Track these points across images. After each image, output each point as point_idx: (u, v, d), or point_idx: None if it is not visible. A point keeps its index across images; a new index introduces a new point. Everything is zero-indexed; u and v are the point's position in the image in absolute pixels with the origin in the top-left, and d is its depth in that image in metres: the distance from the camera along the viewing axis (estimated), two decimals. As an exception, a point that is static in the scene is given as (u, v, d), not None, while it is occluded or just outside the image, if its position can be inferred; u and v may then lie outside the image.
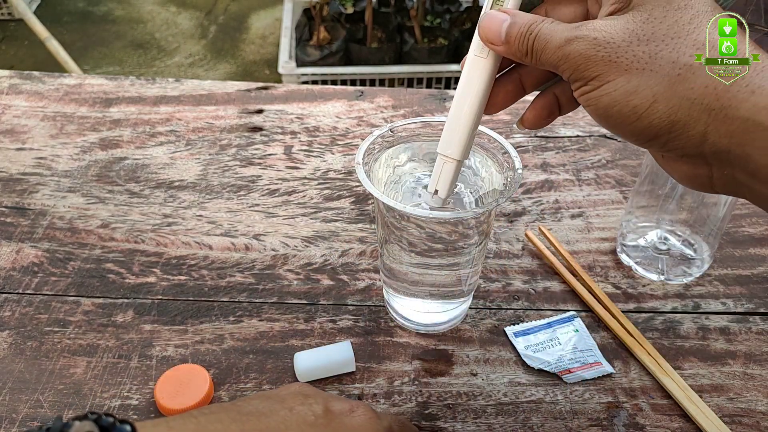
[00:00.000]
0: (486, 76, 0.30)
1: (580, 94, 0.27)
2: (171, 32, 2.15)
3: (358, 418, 0.30)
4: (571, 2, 0.30)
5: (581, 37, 0.26)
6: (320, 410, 0.29)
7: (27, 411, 0.37)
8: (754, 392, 0.40)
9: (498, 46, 0.29)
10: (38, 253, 0.47)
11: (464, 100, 0.31)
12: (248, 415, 0.28)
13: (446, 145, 0.32)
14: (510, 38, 0.28)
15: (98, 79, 0.65)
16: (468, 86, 0.31)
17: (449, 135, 0.32)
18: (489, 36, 0.29)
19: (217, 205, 0.52)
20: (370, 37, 1.63)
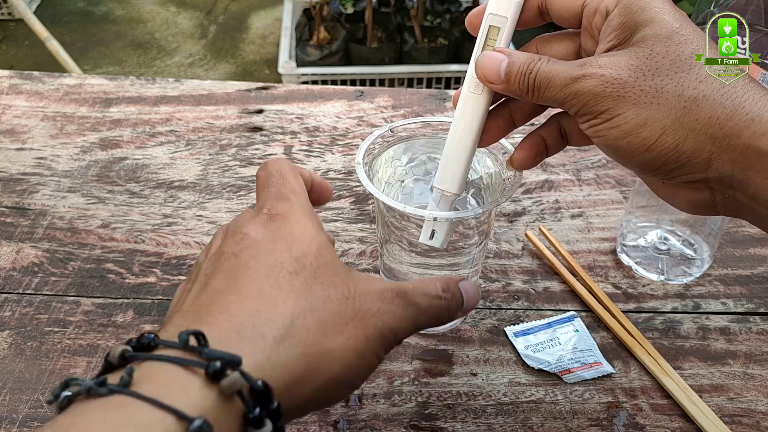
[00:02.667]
0: (481, 113, 0.32)
1: (588, 127, 0.28)
2: (171, 32, 2.15)
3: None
4: (562, 40, 0.31)
5: (589, 75, 0.27)
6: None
7: (27, 411, 0.37)
8: (754, 392, 0.40)
9: (497, 84, 0.30)
10: (38, 253, 0.47)
11: (460, 136, 0.32)
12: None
13: (443, 180, 0.33)
14: (510, 77, 0.29)
15: (98, 79, 0.65)
16: (463, 122, 0.32)
17: (446, 170, 0.33)
18: (488, 75, 0.30)
19: (217, 205, 0.52)
20: (370, 37, 1.63)
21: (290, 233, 0.27)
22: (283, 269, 0.25)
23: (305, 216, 0.28)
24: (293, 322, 0.24)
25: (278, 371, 0.23)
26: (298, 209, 0.28)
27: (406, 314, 0.27)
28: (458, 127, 0.32)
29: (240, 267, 0.25)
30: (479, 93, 0.31)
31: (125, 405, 0.20)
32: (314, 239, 0.27)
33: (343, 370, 0.25)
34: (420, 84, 1.64)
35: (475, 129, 0.32)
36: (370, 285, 0.27)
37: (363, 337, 0.25)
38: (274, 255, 0.26)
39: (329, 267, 0.26)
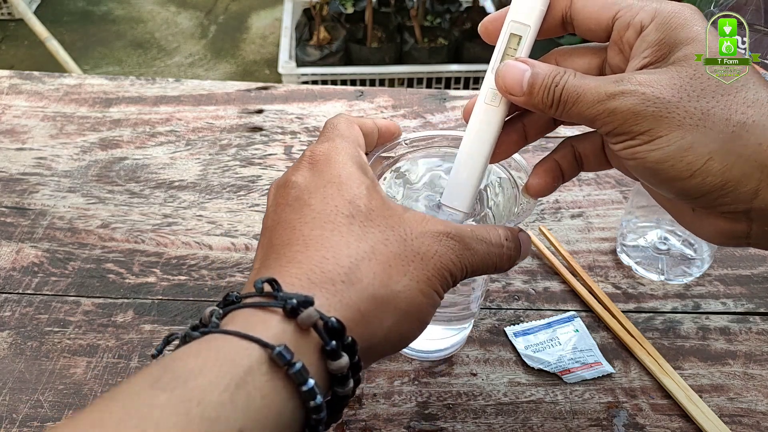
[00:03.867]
0: (496, 126, 0.30)
1: (624, 148, 0.26)
2: (171, 32, 2.15)
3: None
4: (585, 54, 0.30)
5: (628, 93, 0.26)
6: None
7: (27, 411, 0.37)
8: (754, 392, 0.40)
9: (518, 96, 0.28)
10: (38, 253, 0.47)
11: (473, 150, 0.30)
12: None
13: (452, 197, 0.31)
14: (533, 89, 0.28)
15: (98, 79, 0.65)
16: (478, 136, 0.30)
17: (456, 187, 0.31)
18: (509, 86, 0.28)
19: (217, 205, 0.52)
20: (370, 37, 1.63)
21: (338, 176, 0.27)
22: (339, 213, 0.26)
23: (349, 158, 0.28)
24: (358, 266, 0.25)
25: (350, 312, 0.24)
26: (341, 150, 0.28)
27: (463, 259, 0.27)
28: (471, 140, 0.30)
29: (297, 216, 0.26)
30: (496, 105, 0.29)
31: (215, 340, 0.22)
32: (362, 182, 0.27)
33: (410, 309, 0.26)
34: (420, 84, 1.64)
35: (489, 142, 0.30)
36: (426, 226, 0.27)
37: (425, 278, 0.26)
38: (327, 200, 0.26)
39: (382, 208, 0.27)
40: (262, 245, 0.27)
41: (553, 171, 0.32)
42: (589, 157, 0.31)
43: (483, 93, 0.30)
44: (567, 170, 0.32)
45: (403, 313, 0.25)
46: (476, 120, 0.30)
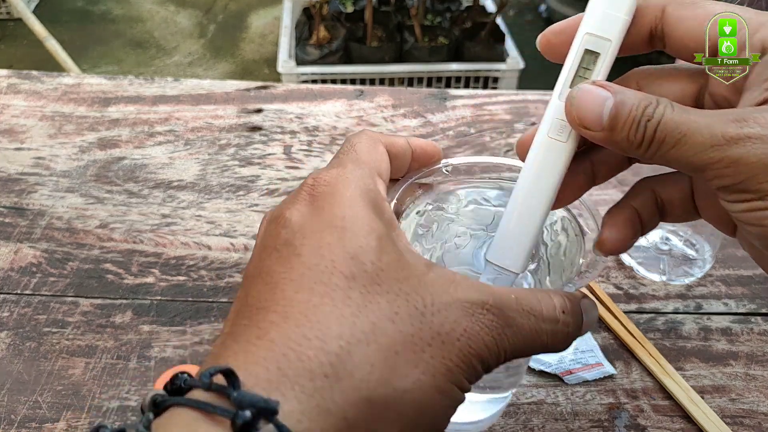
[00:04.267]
0: (562, 166, 0.24)
1: (747, 210, 0.21)
2: (170, 31, 2.15)
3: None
4: (677, 78, 0.24)
5: (757, 137, 0.20)
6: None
7: (26, 412, 0.37)
8: (756, 393, 0.39)
9: (596, 131, 0.22)
10: (36, 253, 0.47)
11: (532, 194, 0.24)
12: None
13: (502, 252, 0.25)
14: (617, 123, 0.21)
15: (97, 79, 0.65)
16: (538, 177, 0.24)
17: (507, 239, 0.25)
18: (585, 117, 0.22)
19: (216, 205, 0.52)
20: (370, 36, 1.63)
21: (341, 218, 0.21)
22: (335, 272, 0.20)
23: (360, 193, 0.22)
24: (351, 352, 0.18)
25: (331, 421, 0.18)
26: (351, 181, 0.22)
27: (501, 340, 0.20)
28: (530, 182, 0.24)
29: (283, 268, 0.20)
30: (564, 140, 0.24)
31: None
32: (373, 228, 0.21)
33: (419, 414, 0.19)
34: (420, 83, 1.64)
35: (552, 186, 0.24)
36: (454, 292, 0.20)
37: (444, 369, 0.19)
38: (322, 251, 0.20)
39: (396, 267, 0.20)
40: (238, 299, 0.21)
41: (632, 222, 0.25)
42: (674, 206, 0.25)
43: (546, 124, 0.24)
44: (647, 220, 0.26)
45: (408, 420, 0.19)
46: (537, 157, 0.24)
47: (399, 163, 0.27)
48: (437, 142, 0.58)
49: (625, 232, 0.25)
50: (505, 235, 0.25)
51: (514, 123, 0.61)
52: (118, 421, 0.37)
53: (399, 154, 0.26)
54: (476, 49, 1.63)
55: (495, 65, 1.62)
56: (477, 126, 0.60)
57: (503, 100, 0.63)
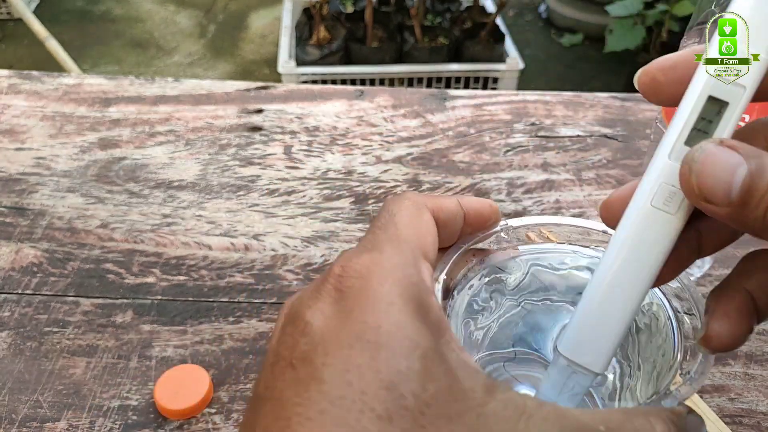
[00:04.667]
0: (667, 244, 0.19)
1: None
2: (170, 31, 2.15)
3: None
4: None
5: None
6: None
7: (26, 411, 0.37)
8: (755, 392, 0.39)
9: (721, 206, 0.17)
10: (37, 253, 0.47)
11: (624, 279, 0.19)
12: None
13: (580, 347, 0.20)
14: (751, 198, 0.17)
15: (97, 79, 0.65)
16: (633, 257, 0.19)
17: (589, 332, 0.20)
18: (708, 188, 0.17)
19: (217, 205, 0.52)
20: (370, 36, 1.63)
21: (375, 328, 0.16)
22: (366, 410, 0.15)
23: (399, 291, 0.17)
24: None
25: None
26: (389, 273, 0.18)
27: None
28: (622, 262, 0.19)
29: (298, 398, 0.16)
30: (673, 212, 0.19)
31: None
32: (417, 342, 0.16)
33: None
34: (420, 83, 1.64)
35: (652, 268, 0.19)
36: (524, 429, 0.15)
37: None
38: (350, 376, 0.16)
39: (447, 398, 0.16)
40: (244, 425, 0.17)
41: (747, 309, 0.20)
42: None
43: (650, 188, 0.19)
44: (764, 304, 0.20)
45: None
46: (634, 230, 0.19)
47: (449, 231, 0.22)
48: (437, 142, 0.58)
49: (740, 323, 0.19)
50: (585, 325, 0.20)
51: (513, 123, 0.61)
52: (119, 420, 0.37)
53: (449, 221, 0.22)
54: (476, 49, 1.64)
55: (495, 66, 1.62)
56: (477, 126, 0.60)
57: (503, 101, 0.64)
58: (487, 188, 0.54)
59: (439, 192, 0.53)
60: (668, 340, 0.22)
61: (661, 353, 0.22)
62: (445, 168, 0.56)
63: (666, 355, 0.22)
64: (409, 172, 0.55)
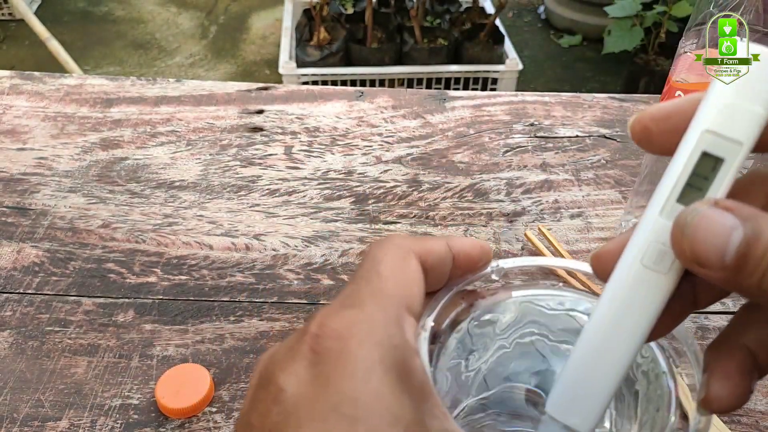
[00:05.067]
0: (657, 305, 0.19)
1: None
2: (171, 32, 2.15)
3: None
4: None
5: None
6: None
7: (28, 410, 0.37)
8: (754, 392, 0.40)
9: (715, 271, 0.16)
10: (39, 253, 0.47)
11: (613, 338, 0.19)
12: None
13: (568, 407, 0.19)
14: (746, 264, 0.16)
15: (99, 80, 0.66)
16: (623, 316, 0.18)
17: (576, 391, 0.19)
18: (701, 252, 0.16)
19: (218, 205, 0.52)
20: (370, 37, 1.63)
21: (352, 400, 0.15)
22: None
23: (380, 355, 0.16)
24: None
25: None
26: (368, 336, 0.16)
27: None
28: (612, 320, 0.19)
29: None
30: (664, 271, 0.18)
31: None
32: (398, 415, 0.15)
33: None
34: (420, 84, 1.64)
35: (642, 328, 0.19)
36: None
37: None
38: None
39: None
40: None
41: (747, 367, 0.19)
42: None
43: (640, 246, 0.18)
44: (765, 362, 0.19)
45: None
46: (623, 289, 0.18)
47: (437, 274, 0.21)
48: (436, 142, 0.59)
49: (741, 383, 0.18)
50: (573, 384, 0.19)
51: (512, 124, 0.61)
52: (120, 419, 0.37)
53: (437, 265, 0.20)
54: (475, 50, 1.64)
55: (494, 67, 1.63)
56: (476, 127, 0.61)
57: (502, 101, 0.64)
58: (487, 188, 0.54)
59: (438, 192, 0.53)
60: (663, 396, 0.22)
61: (655, 408, 0.21)
62: (445, 168, 0.56)
63: (661, 410, 0.21)
64: (409, 173, 0.55)
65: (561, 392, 0.20)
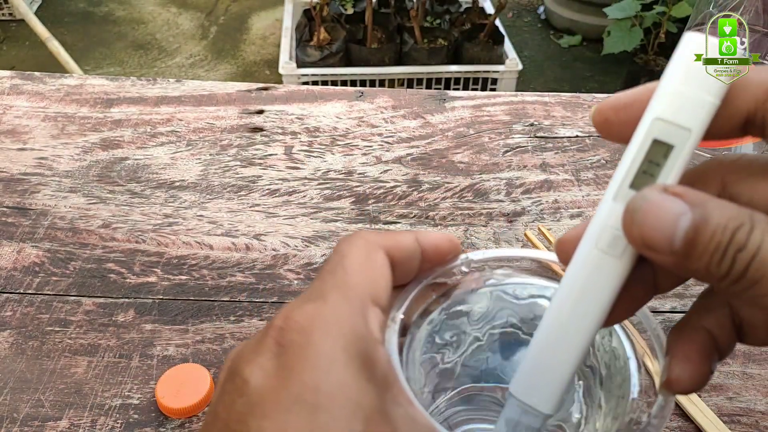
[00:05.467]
0: (612, 288, 0.19)
1: None
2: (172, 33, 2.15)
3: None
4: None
5: None
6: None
7: (28, 410, 0.37)
8: (753, 392, 0.40)
9: (663, 255, 0.16)
10: (39, 253, 0.47)
11: (571, 321, 0.19)
12: None
13: (530, 388, 0.20)
14: (694, 249, 0.16)
15: (99, 80, 0.66)
16: (580, 300, 0.19)
17: (538, 373, 0.20)
18: (649, 237, 0.16)
19: (218, 205, 0.52)
20: (370, 37, 1.63)
21: (314, 389, 0.16)
22: None
23: (343, 345, 0.16)
24: None
25: None
26: (332, 327, 0.17)
27: None
28: (570, 304, 0.19)
29: None
30: (617, 255, 0.18)
31: None
32: (360, 403, 0.16)
33: None
34: (420, 84, 1.64)
35: (598, 311, 0.19)
36: None
37: None
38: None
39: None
40: None
41: (709, 350, 0.19)
42: (758, 328, 0.19)
43: (595, 232, 0.19)
44: (724, 345, 0.19)
45: None
46: (580, 274, 0.19)
47: (405, 268, 0.21)
48: (436, 142, 0.59)
49: (701, 365, 0.19)
50: (534, 366, 0.20)
51: (512, 124, 0.61)
52: (120, 419, 0.37)
53: (404, 259, 0.21)
54: (475, 50, 1.64)
55: (494, 67, 1.63)
56: (476, 127, 0.61)
57: (502, 102, 0.64)
58: (486, 188, 0.54)
59: (438, 192, 0.53)
60: (627, 378, 0.22)
61: (621, 391, 0.22)
62: (445, 168, 0.56)
63: (625, 393, 0.22)
64: (409, 173, 0.55)
65: (524, 374, 0.20)
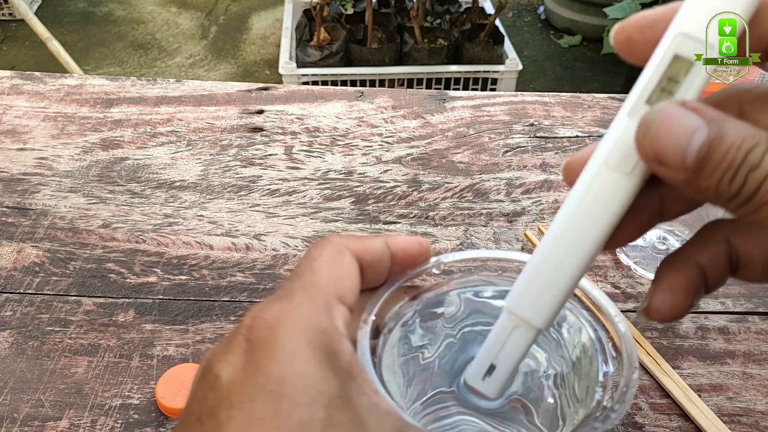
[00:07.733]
0: (620, 207, 0.18)
1: None
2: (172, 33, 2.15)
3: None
4: None
5: None
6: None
7: (28, 410, 0.37)
8: (753, 392, 0.40)
9: (675, 171, 0.16)
10: (39, 253, 0.47)
11: (575, 238, 0.19)
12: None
13: (525, 300, 0.20)
14: (707, 165, 0.15)
15: (99, 80, 0.66)
16: (585, 218, 0.19)
17: (536, 286, 0.20)
18: (662, 151, 0.16)
19: (218, 205, 0.52)
20: (370, 37, 1.63)
21: (279, 379, 0.16)
22: None
23: (307, 341, 0.17)
24: None
25: None
26: (297, 323, 0.17)
27: None
28: (575, 221, 0.19)
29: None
30: (627, 172, 0.18)
31: None
32: (321, 391, 0.16)
33: None
34: (420, 84, 1.64)
35: (604, 230, 0.19)
36: None
37: None
38: (251, 428, 0.16)
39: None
40: None
41: (696, 284, 0.19)
42: (754, 264, 0.19)
43: (606, 148, 0.18)
44: (715, 278, 0.19)
45: None
46: (587, 191, 0.19)
47: (375, 272, 0.22)
48: (436, 142, 0.59)
49: (683, 298, 0.19)
50: (532, 279, 0.20)
51: (512, 124, 0.61)
52: (120, 419, 0.37)
53: (374, 262, 0.21)
54: (475, 50, 1.64)
55: (494, 67, 1.63)
56: (476, 127, 0.61)
57: (502, 102, 0.64)
58: (486, 188, 0.54)
59: (438, 192, 0.53)
60: (593, 370, 0.22)
61: (588, 381, 0.22)
62: (445, 168, 0.56)
63: (591, 387, 0.22)
64: (409, 173, 0.55)
65: (520, 288, 0.20)
